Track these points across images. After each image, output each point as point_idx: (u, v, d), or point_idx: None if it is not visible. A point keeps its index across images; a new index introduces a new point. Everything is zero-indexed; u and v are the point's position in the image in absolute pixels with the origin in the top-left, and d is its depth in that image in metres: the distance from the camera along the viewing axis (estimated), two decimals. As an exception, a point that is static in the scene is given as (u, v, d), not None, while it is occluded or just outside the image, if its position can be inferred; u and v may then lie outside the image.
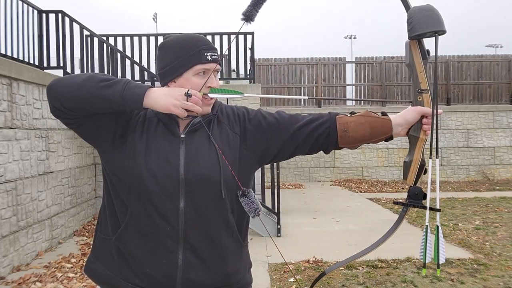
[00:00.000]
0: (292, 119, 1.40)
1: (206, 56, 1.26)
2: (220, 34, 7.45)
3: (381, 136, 1.35)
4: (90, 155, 6.87)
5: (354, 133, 1.33)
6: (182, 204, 1.23)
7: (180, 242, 1.23)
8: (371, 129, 1.33)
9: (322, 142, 1.37)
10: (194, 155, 1.26)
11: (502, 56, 13.06)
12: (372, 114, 1.36)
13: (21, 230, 4.68)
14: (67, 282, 4.09)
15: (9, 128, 4.50)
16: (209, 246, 1.26)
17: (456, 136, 11.72)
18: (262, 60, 12.23)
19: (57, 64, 6.05)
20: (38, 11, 5.92)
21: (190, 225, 1.23)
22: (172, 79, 1.29)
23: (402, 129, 1.34)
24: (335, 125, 1.35)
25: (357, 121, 1.34)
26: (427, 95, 1.26)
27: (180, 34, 1.36)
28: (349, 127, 1.33)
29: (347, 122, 1.34)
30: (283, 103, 12.22)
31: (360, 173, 11.72)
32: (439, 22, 1.20)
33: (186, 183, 1.23)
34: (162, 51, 1.31)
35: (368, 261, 4.53)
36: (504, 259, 4.70)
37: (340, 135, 1.34)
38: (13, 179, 4.53)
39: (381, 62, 12.30)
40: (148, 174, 1.22)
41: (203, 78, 1.27)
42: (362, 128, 1.33)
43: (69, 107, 1.18)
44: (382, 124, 1.34)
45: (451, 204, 8.23)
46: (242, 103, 7.36)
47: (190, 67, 1.26)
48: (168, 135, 1.27)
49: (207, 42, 1.30)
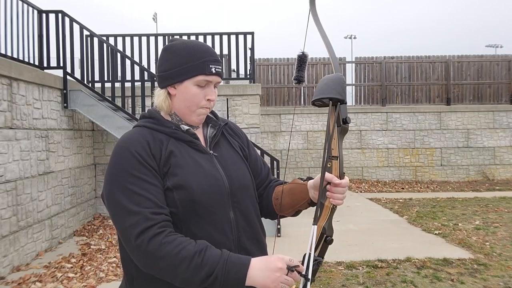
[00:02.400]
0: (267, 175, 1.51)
1: (211, 68, 1.26)
2: (220, 34, 7.45)
3: (302, 201, 1.36)
4: (90, 155, 6.87)
5: (283, 201, 1.38)
6: (232, 215, 1.27)
7: (236, 251, 1.25)
8: (292, 195, 1.37)
9: (265, 210, 1.45)
10: (229, 168, 1.31)
11: (502, 56, 13.06)
12: (296, 181, 1.40)
13: (21, 230, 4.68)
14: (67, 282, 4.09)
15: (9, 128, 4.50)
16: (256, 246, 1.33)
17: (456, 136, 11.72)
18: (262, 60, 12.23)
19: (57, 64, 6.05)
20: (38, 11, 5.92)
21: (242, 232, 1.29)
22: (172, 84, 1.28)
23: (314, 192, 1.30)
24: (272, 195, 1.43)
25: (285, 189, 1.39)
26: (336, 162, 1.21)
27: (187, 40, 1.34)
28: (279, 196, 1.39)
29: (279, 191, 1.40)
30: (283, 103, 12.22)
31: (360, 173, 11.72)
32: (335, 90, 1.22)
33: (231, 194, 1.28)
34: (167, 53, 1.29)
35: (368, 261, 4.53)
36: (504, 259, 4.70)
37: (274, 203, 1.41)
38: (13, 179, 4.53)
39: (381, 62, 12.30)
40: (202, 194, 1.21)
41: (203, 90, 1.27)
42: (287, 196, 1.38)
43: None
44: (300, 189, 1.36)
45: (451, 204, 8.23)
46: (242, 103, 7.36)
47: (193, 76, 1.25)
48: (198, 153, 1.29)
49: (213, 54, 1.29)
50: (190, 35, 7.24)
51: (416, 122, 11.69)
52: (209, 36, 7.37)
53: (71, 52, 6.22)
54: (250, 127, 7.33)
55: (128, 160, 1.18)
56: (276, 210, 1.41)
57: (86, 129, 6.74)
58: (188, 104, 1.27)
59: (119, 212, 1.15)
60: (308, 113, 11.69)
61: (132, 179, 1.15)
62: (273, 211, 1.43)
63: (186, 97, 1.27)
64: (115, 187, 1.16)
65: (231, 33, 7.44)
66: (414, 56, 12.56)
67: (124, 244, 1.17)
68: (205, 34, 7.38)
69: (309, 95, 12.32)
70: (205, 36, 7.37)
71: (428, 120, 11.71)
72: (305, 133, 11.66)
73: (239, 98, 7.37)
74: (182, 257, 1.09)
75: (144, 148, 1.20)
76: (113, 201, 1.16)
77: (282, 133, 11.68)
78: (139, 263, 1.15)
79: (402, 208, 7.87)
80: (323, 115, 11.60)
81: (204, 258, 1.09)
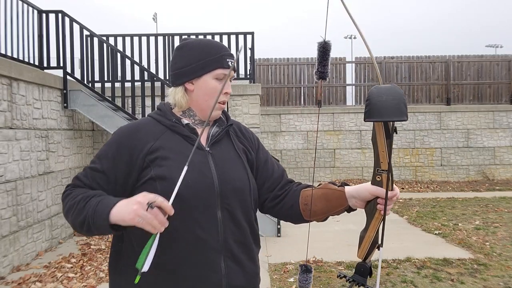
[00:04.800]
0: (282, 173, 1.48)
1: (228, 62, 1.30)
2: (220, 34, 7.45)
3: (338, 207, 1.33)
4: (90, 155, 6.87)
5: (314, 207, 1.34)
6: (219, 215, 1.26)
7: (221, 252, 1.26)
8: (327, 201, 1.33)
9: (286, 213, 1.41)
10: (224, 168, 1.30)
11: (502, 56, 13.06)
12: (330, 186, 1.35)
13: (21, 230, 4.68)
14: (67, 282, 4.09)
15: (9, 128, 4.50)
16: (244, 251, 1.32)
17: (456, 136, 11.72)
18: (262, 60, 12.23)
19: (57, 64, 6.05)
20: (38, 11, 5.91)
21: (229, 233, 1.28)
22: (190, 80, 1.31)
23: (356, 201, 1.30)
24: (298, 198, 1.38)
25: (315, 194, 1.34)
26: (385, 175, 1.17)
27: (200, 38, 1.39)
28: (309, 201, 1.35)
29: (308, 195, 1.36)
30: (283, 102, 12.22)
31: (360, 173, 11.72)
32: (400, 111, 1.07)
33: (221, 195, 1.27)
34: (182, 51, 1.33)
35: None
36: (504, 259, 4.70)
37: (302, 209, 1.37)
38: (13, 179, 4.53)
39: (381, 62, 12.30)
40: (185, 188, 1.19)
41: (220, 83, 1.30)
42: (319, 201, 1.34)
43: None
44: (337, 196, 1.32)
45: (451, 204, 8.23)
46: (242, 103, 7.37)
47: (211, 70, 1.29)
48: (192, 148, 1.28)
49: (227, 49, 1.34)
50: (190, 35, 7.24)
51: (416, 122, 11.69)
52: (209, 36, 7.36)
53: (71, 52, 6.22)
54: (250, 127, 7.33)
55: (110, 143, 1.30)
56: (305, 215, 1.37)
57: (86, 129, 6.74)
58: (207, 98, 1.30)
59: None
60: (308, 113, 11.69)
61: (97, 157, 1.30)
62: (300, 215, 1.39)
63: (206, 91, 1.30)
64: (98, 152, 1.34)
65: (231, 33, 7.44)
66: (414, 56, 12.56)
67: None
68: (205, 34, 7.38)
69: (309, 95, 12.32)
70: (205, 36, 7.36)
71: (428, 120, 11.71)
72: (305, 133, 11.66)
73: (239, 98, 7.37)
74: (71, 204, 1.22)
75: (130, 136, 1.29)
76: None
77: (282, 133, 11.68)
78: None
79: (402, 208, 7.87)
80: (323, 115, 11.61)
81: (86, 205, 1.18)
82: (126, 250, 1.29)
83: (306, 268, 1.29)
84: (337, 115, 11.70)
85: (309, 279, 1.30)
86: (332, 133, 11.69)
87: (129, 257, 1.25)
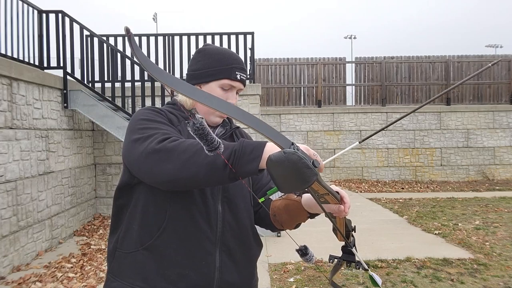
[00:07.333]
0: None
1: (237, 74, 1.36)
2: (220, 34, 7.45)
3: (301, 216, 1.33)
4: (90, 155, 6.87)
5: (279, 218, 1.37)
6: (220, 208, 1.30)
7: (217, 244, 1.28)
8: (289, 212, 1.35)
9: (262, 222, 1.45)
10: None
11: (502, 56, 13.07)
12: (289, 197, 1.35)
13: (21, 230, 4.68)
14: (67, 282, 4.09)
15: (9, 128, 4.50)
16: (241, 248, 1.33)
17: (456, 136, 11.72)
18: (262, 60, 12.24)
19: (57, 64, 6.05)
20: (38, 11, 5.92)
21: (227, 228, 1.30)
22: (199, 83, 1.37)
23: (310, 208, 1.30)
24: (268, 209, 1.41)
25: (279, 205, 1.37)
26: (328, 196, 1.05)
27: (220, 46, 1.46)
28: (277, 212, 1.37)
29: (275, 206, 1.38)
30: (283, 102, 12.23)
31: (360, 173, 11.72)
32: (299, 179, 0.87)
33: (223, 189, 1.31)
34: (200, 55, 1.39)
35: (368, 261, 4.53)
36: (504, 259, 4.70)
37: (272, 220, 1.40)
38: (13, 179, 4.53)
39: (381, 62, 12.30)
40: None
41: (226, 93, 1.36)
42: (284, 212, 1.36)
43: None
44: (296, 206, 1.33)
45: (451, 204, 8.23)
46: (242, 103, 7.37)
47: (219, 79, 1.35)
48: None
49: (241, 62, 1.40)
50: (190, 35, 7.25)
51: (416, 122, 11.70)
52: (209, 36, 7.36)
53: (71, 52, 6.22)
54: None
55: (145, 113, 1.26)
56: (276, 225, 1.42)
57: (86, 129, 6.74)
58: None
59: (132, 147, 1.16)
60: (308, 113, 11.70)
61: (145, 121, 1.22)
62: (273, 225, 1.43)
63: None
64: (130, 132, 1.21)
65: (231, 33, 7.43)
66: (414, 56, 12.56)
67: (142, 169, 1.13)
68: (205, 34, 7.38)
69: (309, 95, 12.32)
70: (205, 36, 7.37)
71: (428, 120, 11.72)
72: (305, 133, 11.67)
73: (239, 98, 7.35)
74: (193, 143, 1.06)
75: (159, 112, 1.29)
76: (127, 141, 1.20)
77: (282, 133, 11.66)
78: (156, 167, 1.09)
79: (402, 208, 7.87)
80: (323, 115, 11.61)
81: (220, 144, 0.98)
82: (125, 232, 1.30)
83: (302, 252, 1.34)
84: (337, 115, 11.70)
85: (311, 256, 1.36)
86: (332, 133, 11.69)
87: (126, 241, 1.29)
